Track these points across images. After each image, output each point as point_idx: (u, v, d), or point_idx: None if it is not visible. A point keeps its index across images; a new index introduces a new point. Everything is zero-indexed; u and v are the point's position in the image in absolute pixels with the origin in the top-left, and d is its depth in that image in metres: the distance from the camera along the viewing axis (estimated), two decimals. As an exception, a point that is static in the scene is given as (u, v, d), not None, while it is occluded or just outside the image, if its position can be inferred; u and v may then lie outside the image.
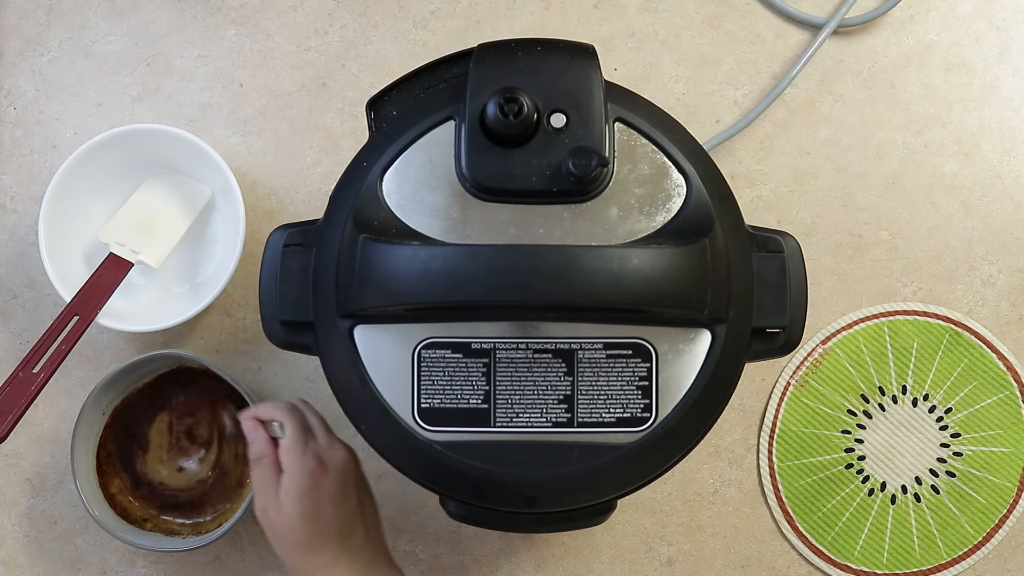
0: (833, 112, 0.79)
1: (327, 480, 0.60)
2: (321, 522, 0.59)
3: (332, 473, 0.60)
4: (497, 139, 0.53)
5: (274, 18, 0.79)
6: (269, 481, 0.60)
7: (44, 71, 0.79)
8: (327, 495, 0.59)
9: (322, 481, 0.59)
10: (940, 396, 0.77)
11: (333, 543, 0.60)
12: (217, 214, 0.77)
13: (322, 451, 0.61)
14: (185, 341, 0.77)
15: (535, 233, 0.53)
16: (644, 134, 0.55)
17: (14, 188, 0.78)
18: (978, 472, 0.76)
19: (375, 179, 0.55)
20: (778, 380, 0.77)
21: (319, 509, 0.59)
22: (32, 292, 0.77)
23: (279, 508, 0.59)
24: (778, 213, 0.78)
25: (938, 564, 0.76)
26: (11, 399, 0.67)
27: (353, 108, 0.78)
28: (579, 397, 0.54)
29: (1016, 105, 0.79)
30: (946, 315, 0.77)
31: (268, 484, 0.60)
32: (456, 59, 0.58)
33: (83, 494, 0.71)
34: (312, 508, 0.59)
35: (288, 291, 0.56)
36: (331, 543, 0.60)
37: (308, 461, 0.59)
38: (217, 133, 0.78)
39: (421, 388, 0.54)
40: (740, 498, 0.77)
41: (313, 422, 0.63)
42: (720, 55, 0.79)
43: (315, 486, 0.59)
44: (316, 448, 0.61)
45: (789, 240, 0.57)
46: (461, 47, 0.57)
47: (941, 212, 0.78)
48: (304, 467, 0.59)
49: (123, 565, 0.76)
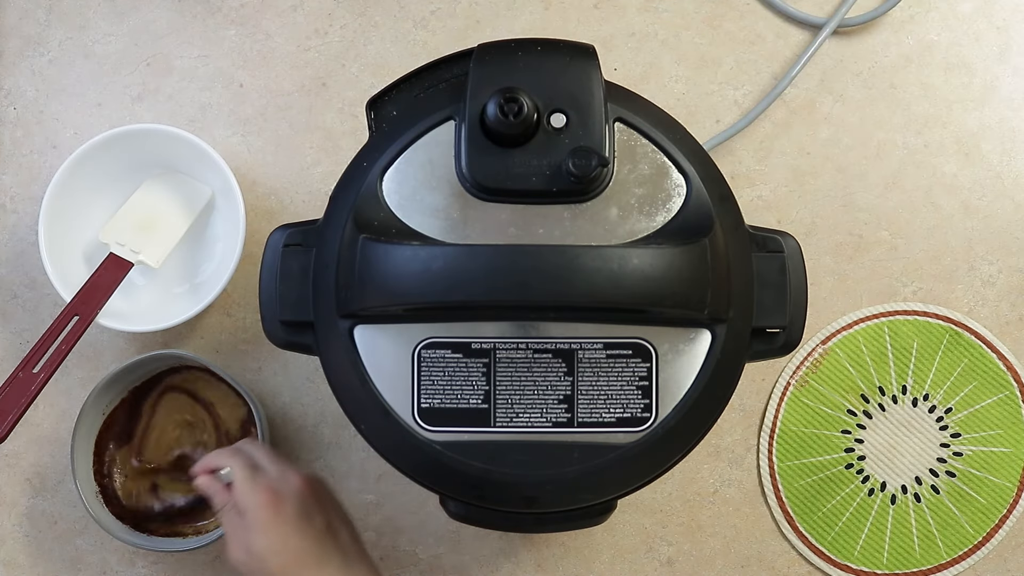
0: (833, 112, 0.79)
1: (285, 509, 0.60)
2: (289, 553, 0.59)
3: (288, 502, 0.60)
4: (497, 139, 0.53)
5: (274, 18, 0.79)
6: (235, 526, 0.60)
7: (44, 71, 0.79)
8: (288, 525, 0.59)
9: (280, 511, 0.59)
10: (940, 396, 0.77)
11: (312, 570, 0.59)
12: (217, 214, 0.77)
13: (274, 483, 0.61)
14: (185, 341, 0.77)
15: (535, 233, 0.53)
16: (644, 134, 0.55)
17: (14, 188, 0.78)
18: (978, 472, 0.76)
19: (375, 179, 0.55)
20: (778, 380, 0.77)
21: (284, 540, 0.59)
22: (32, 292, 0.77)
23: (248, 549, 0.59)
24: (778, 213, 0.78)
25: (938, 564, 0.76)
26: (11, 399, 0.67)
27: (353, 108, 0.78)
28: (579, 397, 0.54)
29: (1016, 105, 0.79)
30: (946, 315, 0.77)
31: (235, 529, 0.60)
32: (456, 59, 0.58)
33: (83, 494, 0.71)
34: (277, 541, 0.59)
35: (288, 291, 0.56)
36: (310, 570, 0.59)
37: (260, 496, 0.60)
38: (217, 133, 0.78)
39: (421, 388, 0.54)
40: (740, 498, 0.77)
41: (259, 457, 0.63)
42: (720, 55, 0.79)
43: (274, 518, 0.59)
44: (267, 481, 0.61)
45: (789, 240, 0.57)
46: (461, 47, 0.58)
47: (941, 212, 0.78)
48: (257, 503, 0.59)
49: (123, 565, 0.76)
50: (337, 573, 0.60)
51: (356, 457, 0.76)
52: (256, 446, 0.65)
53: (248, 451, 0.64)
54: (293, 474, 0.62)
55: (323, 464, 0.76)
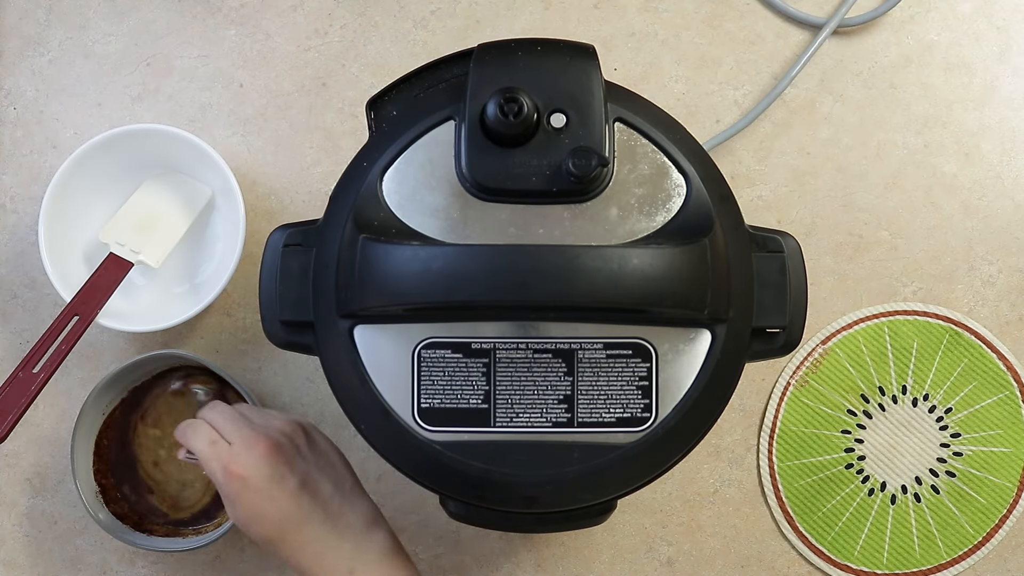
0: (833, 112, 0.79)
1: (251, 478, 0.58)
2: (266, 522, 0.58)
3: (253, 469, 0.58)
4: (497, 139, 0.53)
5: (274, 18, 0.79)
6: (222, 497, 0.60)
7: (44, 71, 0.79)
8: (259, 493, 0.58)
9: (247, 482, 0.58)
10: (940, 396, 0.77)
11: (293, 533, 0.58)
12: (217, 214, 0.77)
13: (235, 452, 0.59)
14: (185, 341, 0.77)
15: (535, 233, 0.53)
16: (644, 134, 0.55)
17: (14, 188, 0.78)
18: (978, 472, 0.76)
19: (375, 179, 0.55)
20: (778, 380, 0.77)
21: (257, 510, 0.58)
22: (32, 292, 0.77)
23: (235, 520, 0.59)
24: (778, 213, 0.78)
25: (938, 564, 0.76)
26: (11, 399, 0.67)
27: (353, 108, 0.78)
28: (579, 397, 0.54)
29: (1016, 105, 0.79)
30: (946, 315, 0.77)
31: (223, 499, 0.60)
32: (456, 59, 0.58)
33: (83, 494, 0.71)
34: (251, 512, 0.58)
35: (288, 291, 0.56)
36: (291, 534, 0.58)
37: (221, 472, 0.58)
38: (217, 133, 0.78)
39: (421, 388, 0.54)
40: (740, 498, 0.77)
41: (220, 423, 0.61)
42: (720, 55, 0.79)
43: (241, 491, 0.58)
44: (227, 454, 0.59)
45: (789, 240, 0.57)
46: (461, 47, 0.57)
47: (941, 212, 0.78)
48: (221, 478, 0.58)
49: (123, 565, 0.76)
50: (320, 530, 0.58)
51: (356, 457, 0.76)
52: (219, 410, 0.62)
53: (212, 417, 0.61)
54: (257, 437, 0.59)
55: (323, 464, 0.76)
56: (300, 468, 0.60)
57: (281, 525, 0.58)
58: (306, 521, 0.58)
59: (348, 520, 0.60)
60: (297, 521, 0.58)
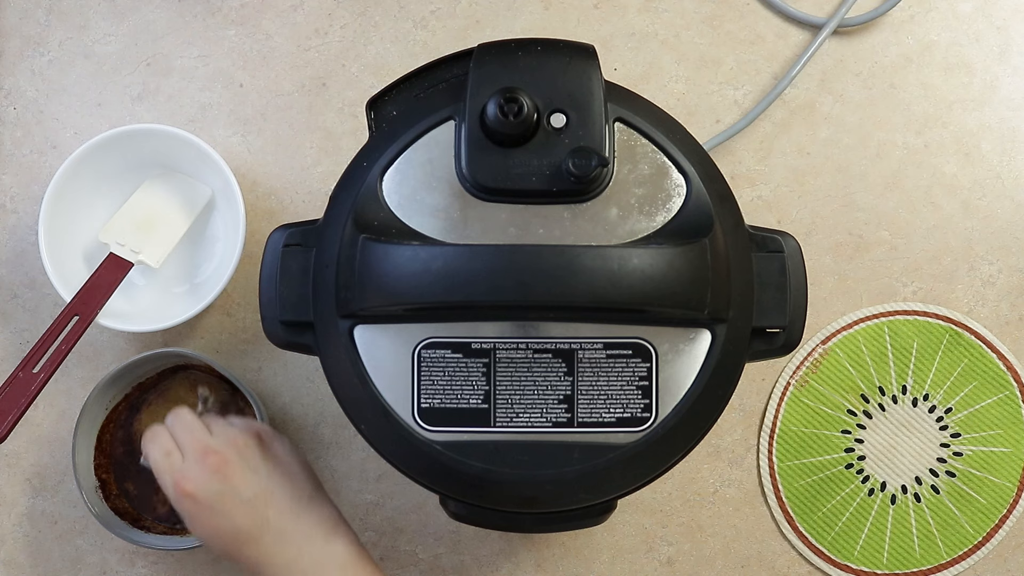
0: (833, 112, 0.79)
1: (200, 495, 0.58)
2: (221, 537, 0.58)
3: (203, 484, 0.58)
4: (497, 139, 0.53)
5: (274, 18, 0.79)
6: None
7: (44, 71, 0.79)
8: (211, 509, 0.58)
9: (198, 500, 0.58)
10: (940, 396, 0.77)
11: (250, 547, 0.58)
12: (217, 214, 0.77)
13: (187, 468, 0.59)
14: (185, 341, 0.77)
15: (535, 233, 0.53)
16: (644, 134, 0.55)
17: (14, 188, 0.78)
18: (978, 472, 0.76)
19: (375, 179, 0.55)
20: (778, 380, 0.77)
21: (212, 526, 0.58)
22: (32, 292, 0.77)
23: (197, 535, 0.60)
24: (778, 213, 0.78)
25: (938, 564, 0.76)
26: (11, 399, 0.67)
27: (353, 108, 0.78)
28: (579, 397, 0.54)
29: (1016, 105, 0.79)
30: (946, 315, 0.77)
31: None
32: (456, 59, 0.58)
33: (83, 494, 0.71)
34: (207, 528, 0.58)
35: (288, 291, 0.56)
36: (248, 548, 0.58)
37: (169, 489, 0.58)
38: (217, 133, 0.78)
39: (421, 388, 0.54)
40: (740, 498, 0.77)
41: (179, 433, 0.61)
42: (720, 55, 0.79)
43: (194, 508, 0.58)
44: (179, 469, 0.59)
45: (789, 240, 0.57)
46: (461, 47, 0.58)
47: (941, 212, 0.78)
48: (174, 495, 0.58)
49: (123, 565, 0.76)
50: (276, 544, 0.58)
51: (356, 457, 0.76)
52: (180, 418, 0.62)
53: (171, 425, 0.61)
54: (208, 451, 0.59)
55: (323, 464, 0.76)
56: (252, 482, 0.59)
57: (236, 540, 0.58)
58: (261, 536, 0.58)
59: (306, 531, 0.59)
60: (252, 536, 0.58)
